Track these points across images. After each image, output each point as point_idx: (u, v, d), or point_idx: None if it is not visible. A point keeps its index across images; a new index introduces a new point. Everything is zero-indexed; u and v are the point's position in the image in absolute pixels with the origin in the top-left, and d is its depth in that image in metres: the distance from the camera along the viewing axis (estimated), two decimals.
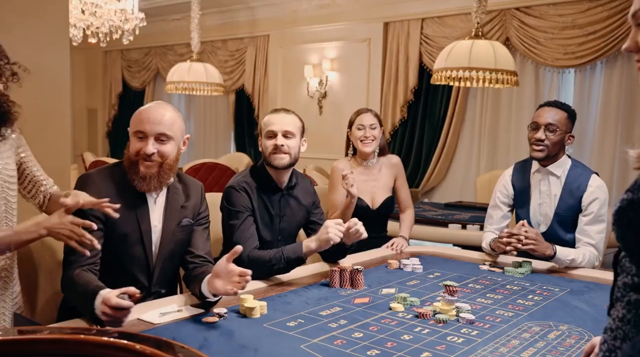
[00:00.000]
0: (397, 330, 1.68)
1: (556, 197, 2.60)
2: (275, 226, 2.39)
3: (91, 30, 4.45)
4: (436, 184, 6.09)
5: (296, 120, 2.39)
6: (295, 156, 2.36)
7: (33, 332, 1.17)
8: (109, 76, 9.14)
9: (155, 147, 1.85)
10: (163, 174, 1.87)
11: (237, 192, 2.31)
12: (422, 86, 5.96)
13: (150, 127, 1.84)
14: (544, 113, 2.58)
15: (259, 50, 7.27)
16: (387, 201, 2.97)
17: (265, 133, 2.36)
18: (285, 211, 2.42)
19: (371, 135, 2.91)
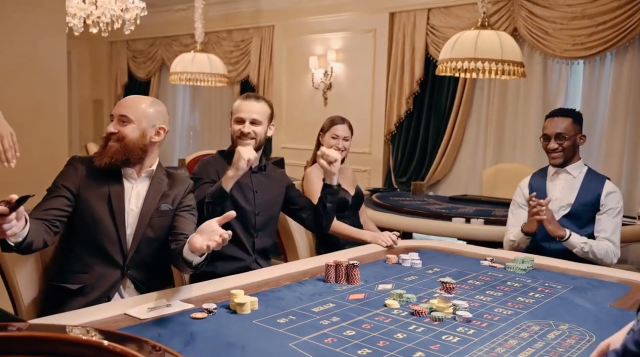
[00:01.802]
0: (390, 328, 1.63)
1: (573, 192, 2.74)
2: (250, 200, 2.49)
3: (92, 19, 4.40)
4: (442, 177, 6.02)
5: (265, 107, 2.52)
6: (261, 141, 2.51)
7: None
8: (115, 67, 9.11)
9: (116, 127, 1.97)
10: (117, 152, 1.95)
11: (205, 166, 2.50)
12: (428, 78, 5.87)
13: (116, 109, 2.00)
14: (551, 124, 2.77)
15: (264, 41, 7.20)
16: (357, 191, 3.16)
17: (234, 118, 2.51)
18: (258, 187, 2.53)
19: (343, 147, 2.99)
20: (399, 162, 6.16)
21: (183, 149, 8.41)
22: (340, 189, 2.60)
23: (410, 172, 6.07)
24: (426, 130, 5.98)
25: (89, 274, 1.92)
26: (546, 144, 2.78)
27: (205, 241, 1.62)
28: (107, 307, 1.68)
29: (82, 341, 1.01)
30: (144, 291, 1.95)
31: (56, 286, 1.91)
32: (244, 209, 2.45)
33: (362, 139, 6.04)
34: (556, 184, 2.80)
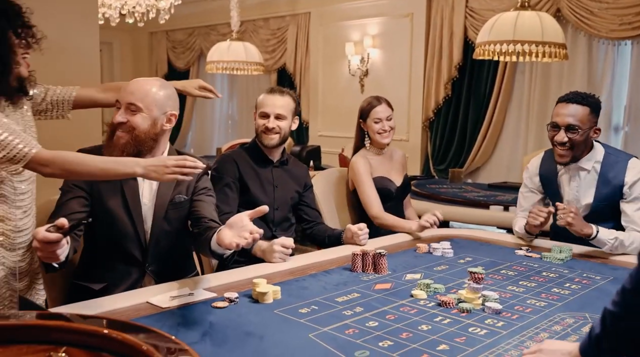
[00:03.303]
0: (415, 319, 1.58)
1: (590, 189, 2.42)
2: (270, 194, 2.47)
3: (127, 10, 4.45)
4: (481, 164, 5.87)
5: (289, 101, 2.48)
6: (285, 136, 2.48)
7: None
8: (155, 57, 9.23)
9: (124, 117, 1.83)
10: (127, 144, 1.82)
11: (225, 161, 2.46)
12: (467, 62, 5.72)
13: (123, 96, 1.85)
14: (563, 111, 2.36)
15: (300, 28, 7.16)
16: (404, 181, 2.97)
17: (259, 112, 2.48)
18: (278, 182, 2.51)
19: (389, 127, 2.86)
20: (437, 149, 6.04)
21: (222, 137, 8.48)
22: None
23: (448, 159, 5.95)
24: (465, 117, 5.84)
25: (110, 273, 1.86)
26: (553, 134, 2.38)
27: (235, 238, 1.56)
28: (130, 296, 1.68)
29: (80, 329, 1.00)
30: None
31: (80, 286, 1.86)
32: (262, 203, 2.38)
33: (399, 126, 5.88)
34: (568, 182, 2.46)
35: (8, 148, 1.57)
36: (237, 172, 2.43)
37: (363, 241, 2.37)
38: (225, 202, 2.36)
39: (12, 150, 1.58)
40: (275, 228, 2.45)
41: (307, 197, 2.63)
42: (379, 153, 2.91)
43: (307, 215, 2.61)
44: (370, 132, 2.87)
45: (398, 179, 2.93)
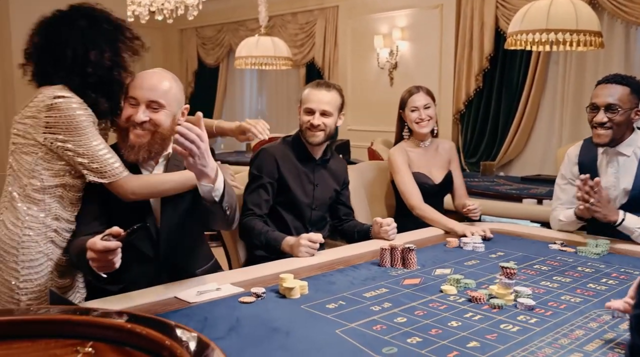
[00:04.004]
0: (445, 315, 1.54)
1: (629, 176, 2.33)
2: (309, 193, 2.41)
3: (156, 7, 4.48)
4: (514, 156, 5.76)
5: (336, 97, 2.39)
6: (330, 133, 2.40)
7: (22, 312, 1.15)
8: (185, 54, 9.30)
9: (147, 115, 1.76)
10: (153, 143, 1.78)
11: (266, 157, 2.36)
12: (498, 53, 5.60)
13: (142, 94, 1.76)
14: (602, 92, 2.32)
15: (328, 22, 7.12)
16: (446, 178, 2.83)
17: (303, 108, 2.40)
18: (318, 181, 2.44)
19: (426, 116, 2.76)
20: (469, 142, 5.94)
21: None
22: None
23: (480, 152, 5.85)
24: (497, 108, 5.73)
25: (126, 274, 1.76)
26: (593, 116, 2.33)
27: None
28: (158, 291, 1.69)
29: (105, 324, 1.01)
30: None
31: (99, 288, 1.80)
32: (300, 202, 2.39)
33: None
34: (607, 167, 2.40)
35: (104, 163, 1.69)
36: (277, 172, 2.35)
37: (391, 235, 2.33)
38: (257, 205, 2.30)
39: (107, 166, 1.69)
40: (310, 228, 2.40)
41: (343, 195, 2.58)
42: (420, 145, 2.82)
43: (340, 212, 2.57)
44: (408, 121, 2.80)
45: (439, 175, 2.82)
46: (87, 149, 1.68)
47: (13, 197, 1.68)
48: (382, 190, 3.03)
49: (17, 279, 1.65)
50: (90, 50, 1.73)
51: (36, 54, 1.76)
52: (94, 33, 1.75)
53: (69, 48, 1.71)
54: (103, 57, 1.74)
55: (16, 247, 1.64)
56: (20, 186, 1.68)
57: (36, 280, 1.67)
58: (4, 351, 1.06)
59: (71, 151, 1.67)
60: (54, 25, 1.76)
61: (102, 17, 1.78)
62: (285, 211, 2.39)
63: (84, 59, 1.72)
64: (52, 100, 1.65)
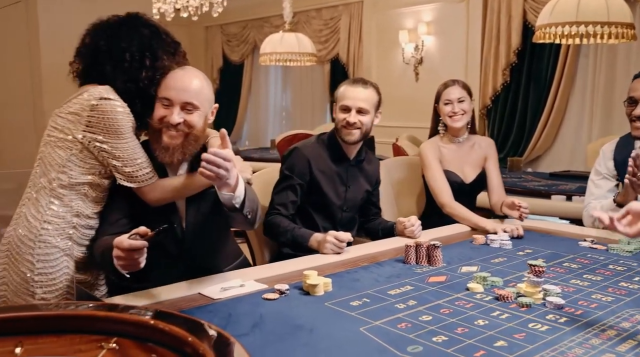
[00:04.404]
0: (471, 314, 1.51)
1: None
2: (341, 195, 2.36)
3: (181, 4, 4.51)
4: (542, 152, 5.65)
5: (373, 94, 2.33)
6: (366, 131, 2.34)
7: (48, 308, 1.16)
8: (210, 51, 9.35)
9: (181, 116, 1.74)
10: (187, 145, 1.78)
11: (298, 156, 2.31)
12: (526, 47, 5.50)
13: (177, 95, 1.74)
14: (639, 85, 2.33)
15: (353, 17, 7.08)
16: (479, 177, 2.76)
17: (339, 105, 2.34)
18: (351, 182, 2.38)
19: (460, 110, 2.67)
20: (495, 137, 5.83)
21: (276, 129, 8.53)
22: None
23: (507, 148, 5.76)
24: (525, 103, 5.63)
25: (151, 274, 1.71)
26: (631, 110, 2.34)
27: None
28: (182, 287, 1.69)
29: (129, 320, 1.01)
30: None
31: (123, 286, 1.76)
32: (332, 203, 2.35)
33: None
34: None
35: (137, 168, 1.72)
36: (309, 173, 2.30)
37: (417, 234, 2.29)
38: (284, 205, 2.27)
39: (139, 171, 1.72)
40: (340, 229, 2.32)
41: (374, 195, 2.54)
42: (454, 141, 2.75)
43: (369, 211, 2.53)
44: (442, 115, 2.72)
45: (471, 174, 2.75)
46: (123, 152, 1.70)
47: (38, 189, 1.71)
48: (409, 186, 3.00)
49: (32, 271, 1.67)
50: (146, 57, 1.76)
51: (92, 53, 1.78)
52: (154, 42, 1.79)
53: (129, 52, 1.75)
54: (155, 65, 1.77)
55: (33, 240, 1.67)
56: (48, 179, 1.70)
57: (51, 274, 1.69)
58: (30, 345, 1.07)
59: (107, 153, 1.70)
60: (116, 29, 1.79)
61: (162, 30, 1.84)
62: (315, 211, 2.35)
63: (140, 64, 1.75)
64: (98, 100, 1.67)
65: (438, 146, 2.74)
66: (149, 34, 1.80)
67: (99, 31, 1.80)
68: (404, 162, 3.12)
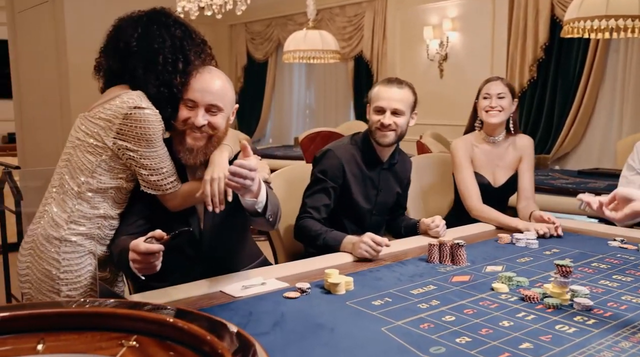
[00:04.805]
0: (496, 314, 1.48)
1: None
2: (371, 199, 2.30)
3: (205, 3, 4.52)
4: (570, 149, 5.54)
5: (408, 95, 2.25)
6: (401, 133, 2.26)
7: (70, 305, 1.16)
8: (235, 49, 9.39)
9: (206, 118, 1.73)
10: (210, 147, 1.77)
11: (332, 159, 2.25)
12: (554, 42, 5.39)
13: (202, 97, 1.73)
14: None
15: (377, 14, 7.04)
16: (510, 180, 2.68)
17: (373, 106, 2.26)
18: (382, 186, 2.32)
19: (498, 106, 2.58)
20: None
21: (299, 127, 8.53)
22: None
23: (534, 145, 5.65)
24: (552, 100, 5.52)
25: (169, 275, 1.70)
26: None
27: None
28: (204, 285, 1.69)
29: (148, 318, 1.01)
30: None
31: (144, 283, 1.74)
32: (361, 208, 2.30)
33: None
34: None
35: (162, 177, 1.71)
36: (342, 177, 2.24)
37: (442, 233, 2.24)
38: (316, 208, 2.20)
39: (164, 181, 1.72)
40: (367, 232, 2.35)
41: (403, 196, 2.48)
42: (489, 140, 2.66)
43: (395, 211, 2.48)
44: (479, 109, 2.64)
45: (502, 177, 2.66)
46: (150, 161, 1.69)
47: (65, 191, 1.70)
48: (438, 184, 2.95)
49: (58, 269, 1.68)
50: (179, 60, 1.73)
51: (122, 54, 1.73)
52: (186, 43, 1.76)
53: (162, 54, 1.71)
54: (187, 70, 1.74)
55: (59, 239, 1.67)
56: (76, 182, 1.69)
57: (76, 271, 1.70)
58: (52, 342, 1.08)
59: (135, 161, 1.69)
60: (146, 28, 1.74)
61: (191, 29, 1.80)
62: (343, 214, 2.30)
63: (173, 68, 1.72)
64: (131, 109, 1.64)
65: (471, 145, 2.66)
66: (180, 34, 1.75)
67: (128, 29, 1.74)
68: (434, 160, 3.07)
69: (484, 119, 2.62)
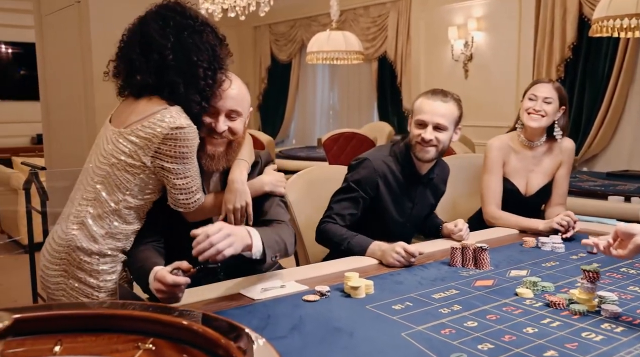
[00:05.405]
0: (520, 321, 1.45)
1: None
2: (406, 212, 2.24)
3: (229, 4, 4.54)
4: (599, 151, 5.42)
5: (453, 109, 2.14)
6: (443, 149, 2.16)
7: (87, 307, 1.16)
8: (259, 51, 9.43)
9: (226, 124, 1.72)
10: (231, 152, 1.76)
11: (368, 171, 2.16)
12: (582, 41, 5.29)
13: (223, 103, 1.71)
14: None
15: (401, 14, 6.99)
16: (544, 189, 2.58)
17: (415, 119, 2.16)
18: (418, 199, 2.26)
19: (542, 110, 2.45)
20: None
21: (323, 128, 8.53)
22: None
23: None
24: (580, 100, 5.41)
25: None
26: None
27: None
28: (223, 286, 1.68)
29: (163, 321, 1.00)
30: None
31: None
32: (395, 221, 2.24)
33: (507, 111, 5.65)
34: None
35: (190, 196, 1.70)
36: (375, 190, 2.17)
37: (465, 236, 2.20)
38: (341, 216, 2.14)
39: (190, 199, 1.70)
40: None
41: (435, 204, 2.42)
42: (527, 144, 2.54)
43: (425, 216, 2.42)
44: (521, 111, 2.53)
45: (536, 184, 2.56)
46: (183, 181, 1.66)
47: (102, 206, 1.67)
48: (470, 185, 2.90)
49: (97, 278, 1.69)
50: (217, 70, 1.68)
51: (159, 68, 1.63)
52: (222, 52, 1.71)
53: (201, 68, 1.64)
54: (223, 78, 1.71)
55: (97, 254, 1.67)
56: (114, 200, 1.67)
57: (114, 279, 1.71)
58: (69, 344, 1.08)
59: (167, 180, 1.67)
60: (181, 35, 1.65)
61: (216, 28, 1.73)
62: (371, 223, 2.22)
63: (213, 80, 1.67)
64: (171, 130, 1.59)
65: (508, 146, 2.56)
66: (213, 39, 1.69)
67: (156, 36, 1.64)
68: (465, 161, 3.01)
69: (525, 121, 2.51)
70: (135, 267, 1.67)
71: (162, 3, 1.71)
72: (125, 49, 1.71)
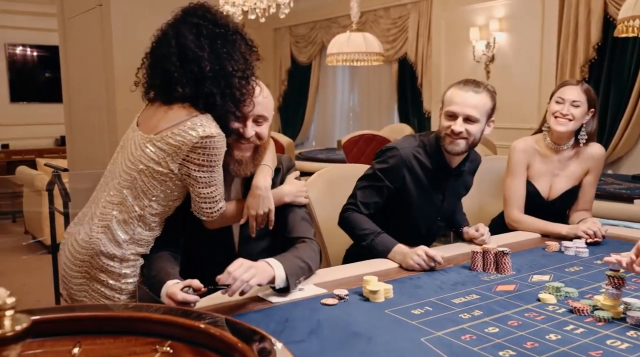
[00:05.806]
0: (542, 327, 1.42)
1: None
2: (436, 205, 2.20)
3: (249, 7, 4.56)
4: (624, 153, 5.32)
5: (485, 101, 2.05)
6: (474, 142, 2.08)
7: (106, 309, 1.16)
8: (279, 53, 9.45)
9: (254, 129, 1.72)
10: (258, 157, 1.76)
11: (396, 161, 2.10)
12: (607, 42, 5.19)
13: (251, 108, 1.70)
14: None
15: (421, 15, 6.95)
16: (567, 193, 2.51)
17: (445, 110, 2.09)
18: (449, 192, 2.21)
19: (569, 114, 2.37)
20: None
21: (343, 129, 8.51)
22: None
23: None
24: (605, 102, 5.31)
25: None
26: None
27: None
28: None
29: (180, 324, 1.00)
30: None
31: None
32: (425, 215, 2.19)
33: (529, 113, 5.57)
34: None
35: (213, 204, 1.69)
36: (402, 181, 2.11)
37: (487, 240, 2.15)
38: (365, 204, 2.11)
39: (213, 208, 1.69)
40: (429, 240, 2.27)
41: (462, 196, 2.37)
42: (552, 147, 2.47)
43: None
44: (548, 113, 2.45)
45: (560, 188, 2.49)
46: (207, 190, 1.66)
47: (128, 211, 1.67)
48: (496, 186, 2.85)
49: (119, 281, 1.70)
50: (250, 78, 1.68)
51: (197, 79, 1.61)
52: (251, 58, 1.70)
53: (236, 77, 1.64)
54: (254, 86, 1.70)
55: (121, 258, 1.68)
56: (140, 206, 1.67)
57: (133, 282, 1.72)
58: (88, 346, 1.08)
59: (192, 186, 1.67)
60: (214, 44, 1.63)
61: (248, 37, 1.72)
62: (400, 216, 2.19)
63: (247, 89, 1.67)
64: (201, 139, 1.59)
65: (533, 149, 2.50)
66: (244, 47, 1.68)
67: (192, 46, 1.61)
68: (490, 162, 2.97)
69: (551, 124, 2.44)
70: (149, 275, 1.67)
71: (189, 8, 1.69)
72: (160, 59, 1.67)
